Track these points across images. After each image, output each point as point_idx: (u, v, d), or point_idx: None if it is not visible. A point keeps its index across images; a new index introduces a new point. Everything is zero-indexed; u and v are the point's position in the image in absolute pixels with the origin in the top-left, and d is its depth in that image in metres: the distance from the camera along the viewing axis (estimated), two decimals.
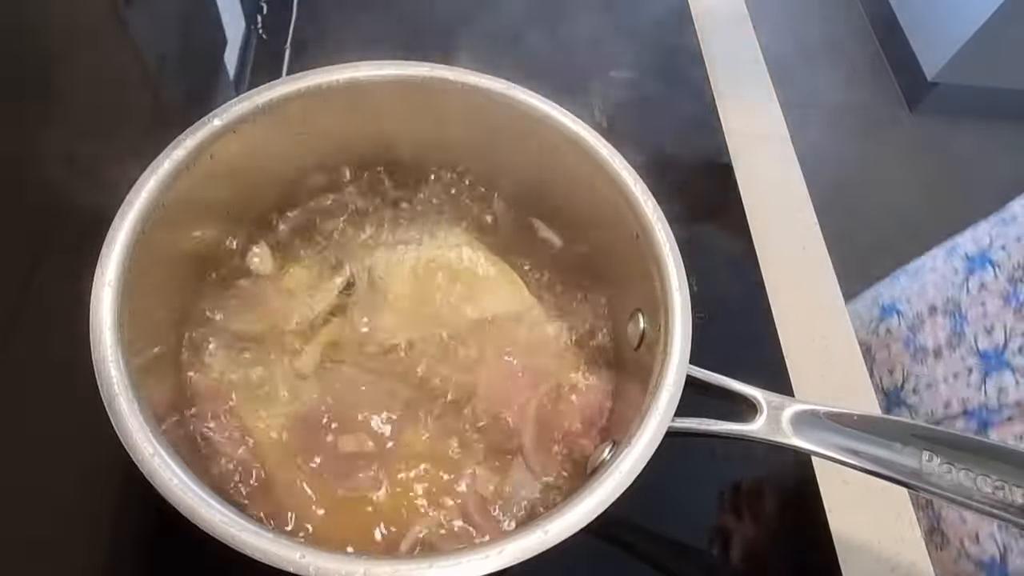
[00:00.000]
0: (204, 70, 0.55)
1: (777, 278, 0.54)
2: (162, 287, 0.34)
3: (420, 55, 0.38)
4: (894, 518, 0.46)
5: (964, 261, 0.58)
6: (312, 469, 0.34)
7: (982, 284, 0.55)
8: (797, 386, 0.50)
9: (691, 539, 0.44)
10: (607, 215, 0.37)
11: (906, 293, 0.64)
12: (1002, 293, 0.53)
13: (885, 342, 0.63)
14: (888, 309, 0.65)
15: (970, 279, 0.56)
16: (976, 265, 0.56)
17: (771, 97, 0.67)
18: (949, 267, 0.60)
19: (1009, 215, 0.57)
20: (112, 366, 0.27)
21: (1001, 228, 0.56)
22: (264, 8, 0.62)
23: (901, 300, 0.64)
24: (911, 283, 0.65)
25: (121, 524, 0.37)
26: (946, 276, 0.59)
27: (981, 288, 0.55)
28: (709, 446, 0.46)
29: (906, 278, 0.67)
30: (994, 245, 0.56)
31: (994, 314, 0.53)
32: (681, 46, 0.68)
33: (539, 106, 0.38)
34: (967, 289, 0.56)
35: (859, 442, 0.32)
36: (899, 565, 0.44)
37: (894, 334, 0.63)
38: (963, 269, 0.58)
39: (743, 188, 0.58)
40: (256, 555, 0.24)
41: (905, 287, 0.65)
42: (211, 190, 0.35)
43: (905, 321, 0.62)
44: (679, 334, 0.32)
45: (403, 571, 0.25)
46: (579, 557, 0.41)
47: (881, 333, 0.64)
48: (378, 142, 0.42)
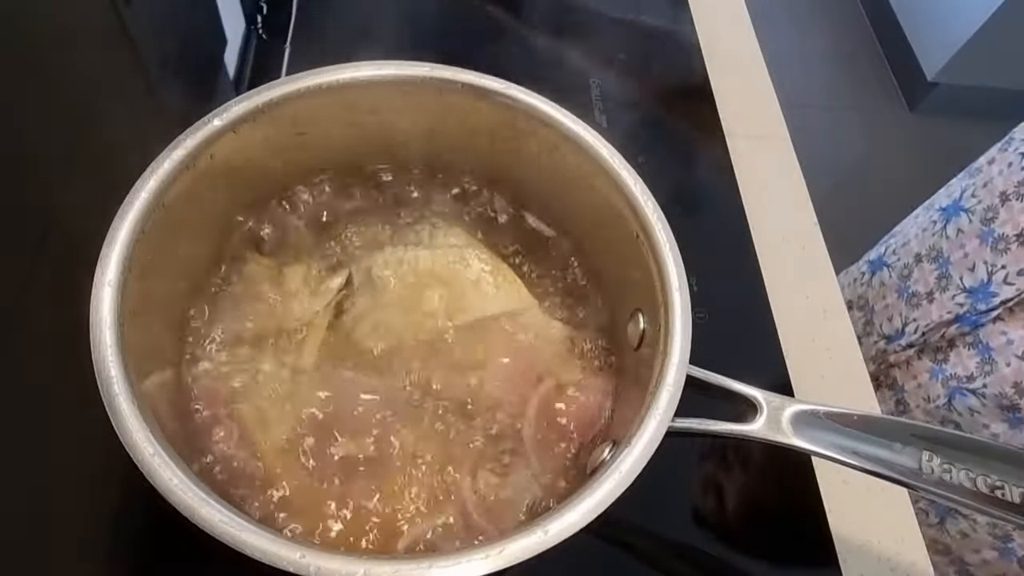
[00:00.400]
0: (204, 70, 0.55)
1: (777, 278, 0.54)
2: (162, 287, 0.34)
3: (420, 55, 0.38)
4: (894, 518, 0.46)
5: (940, 212, 0.64)
6: (312, 469, 0.34)
7: (959, 229, 0.60)
8: (797, 386, 0.50)
9: (691, 539, 0.44)
10: (607, 215, 0.37)
11: (890, 248, 0.70)
12: (978, 234, 0.58)
13: (880, 293, 0.68)
14: (876, 263, 0.71)
15: (947, 227, 0.62)
16: (951, 214, 0.62)
17: (771, 97, 0.67)
18: (927, 219, 0.66)
19: (975, 168, 0.62)
20: (112, 366, 0.27)
21: (969, 180, 0.62)
22: (264, 8, 0.62)
23: (888, 254, 0.70)
24: (891, 239, 0.71)
25: (121, 524, 0.37)
26: (926, 228, 0.65)
27: (959, 233, 0.60)
28: (709, 446, 0.46)
29: (889, 240, 0.72)
30: (965, 194, 0.61)
31: (974, 254, 0.58)
32: (681, 46, 0.68)
33: (539, 106, 0.38)
34: (946, 235, 0.62)
35: (859, 442, 0.32)
36: (899, 565, 0.44)
37: (887, 285, 0.68)
38: (940, 219, 0.63)
39: (743, 188, 0.58)
40: (256, 555, 0.24)
41: (887, 243, 0.71)
42: (211, 190, 0.35)
43: (895, 272, 0.67)
44: (679, 334, 0.32)
45: (403, 571, 0.25)
46: (579, 557, 0.40)
47: (875, 286, 0.70)
48: (378, 142, 0.42)
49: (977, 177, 0.60)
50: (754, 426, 0.32)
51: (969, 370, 0.58)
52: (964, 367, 0.59)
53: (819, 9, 2.02)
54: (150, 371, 0.31)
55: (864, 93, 1.86)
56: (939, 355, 0.61)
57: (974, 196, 0.60)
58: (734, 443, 0.33)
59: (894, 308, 0.66)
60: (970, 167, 0.63)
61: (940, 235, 0.62)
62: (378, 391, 0.37)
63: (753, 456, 0.47)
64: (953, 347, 0.60)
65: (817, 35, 1.97)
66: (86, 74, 0.41)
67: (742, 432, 0.33)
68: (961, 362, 0.59)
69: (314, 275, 0.40)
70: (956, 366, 0.59)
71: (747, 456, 0.46)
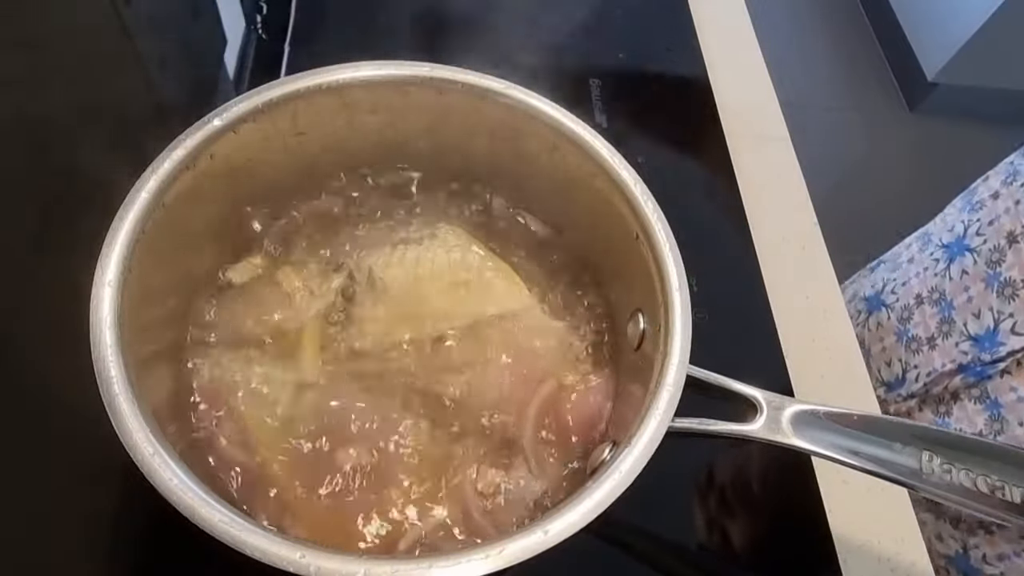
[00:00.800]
0: (204, 70, 0.55)
1: (777, 278, 0.54)
2: (162, 287, 0.34)
3: (420, 55, 0.38)
4: (894, 518, 0.46)
5: (942, 250, 0.59)
6: (312, 469, 0.34)
7: (963, 270, 0.56)
8: (797, 386, 0.50)
9: (691, 539, 0.44)
10: (607, 215, 0.37)
11: (889, 285, 0.65)
12: (984, 277, 0.54)
13: (878, 336, 0.65)
14: (873, 301, 0.66)
15: (951, 267, 0.58)
16: (955, 252, 0.58)
17: (771, 97, 0.67)
18: (928, 257, 0.61)
19: (976, 201, 0.58)
20: (112, 366, 0.27)
21: (971, 215, 0.58)
22: (264, 8, 0.62)
23: (886, 293, 0.65)
24: (891, 274, 0.66)
25: (121, 524, 0.37)
26: (927, 266, 0.61)
27: (963, 274, 0.56)
28: (709, 446, 0.46)
29: (885, 269, 0.67)
30: (969, 232, 0.57)
31: (979, 299, 0.54)
32: (681, 46, 0.68)
33: (539, 106, 0.38)
34: (949, 276, 0.58)
35: (859, 442, 0.32)
36: (899, 565, 0.44)
37: (885, 327, 0.64)
38: (943, 258, 0.59)
39: (743, 188, 0.58)
40: (256, 555, 0.24)
41: (887, 278, 0.66)
42: (211, 190, 0.35)
43: (894, 313, 0.63)
44: (679, 334, 0.32)
45: (403, 571, 0.25)
46: (579, 557, 0.40)
47: (872, 327, 0.66)
48: (378, 142, 0.42)
49: (981, 212, 0.57)
50: (754, 426, 0.32)
51: (977, 427, 0.54)
52: (971, 423, 0.55)
53: (819, 9, 2.03)
54: (150, 371, 0.31)
55: (864, 93, 1.86)
56: (942, 407, 0.58)
57: (979, 235, 0.56)
58: (734, 443, 0.33)
59: (892, 352, 0.62)
60: (970, 197, 0.59)
61: (943, 276, 0.58)
62: (379, 391, 0.37)
63: (753, 456, 0.47)
64: (957, 400, 0.56)
65: (817, 35, 1.97)
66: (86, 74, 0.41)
67: (742, 432, 0.33)
68: (967, 417, 0.55)
69: (314, 275, 0.40)
70: (961, 421, 0.56)
71: (747, 456, 0.46)
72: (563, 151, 0.38)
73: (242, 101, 0.35)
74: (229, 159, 0.35)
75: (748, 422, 0.33)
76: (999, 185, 0.56)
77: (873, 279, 0.68)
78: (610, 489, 0.27)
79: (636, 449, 0.29)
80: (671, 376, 0.31)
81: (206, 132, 0.34)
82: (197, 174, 0.34)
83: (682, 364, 0.31)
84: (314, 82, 0.36)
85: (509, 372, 0.38)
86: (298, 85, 0.36)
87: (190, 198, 0.34)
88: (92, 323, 0.28)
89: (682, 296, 0.33)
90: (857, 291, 0.70)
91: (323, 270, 0.41)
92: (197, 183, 0.34)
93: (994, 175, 0.58)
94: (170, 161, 0.32)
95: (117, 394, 0.27)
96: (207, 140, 0.34)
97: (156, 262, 0.32)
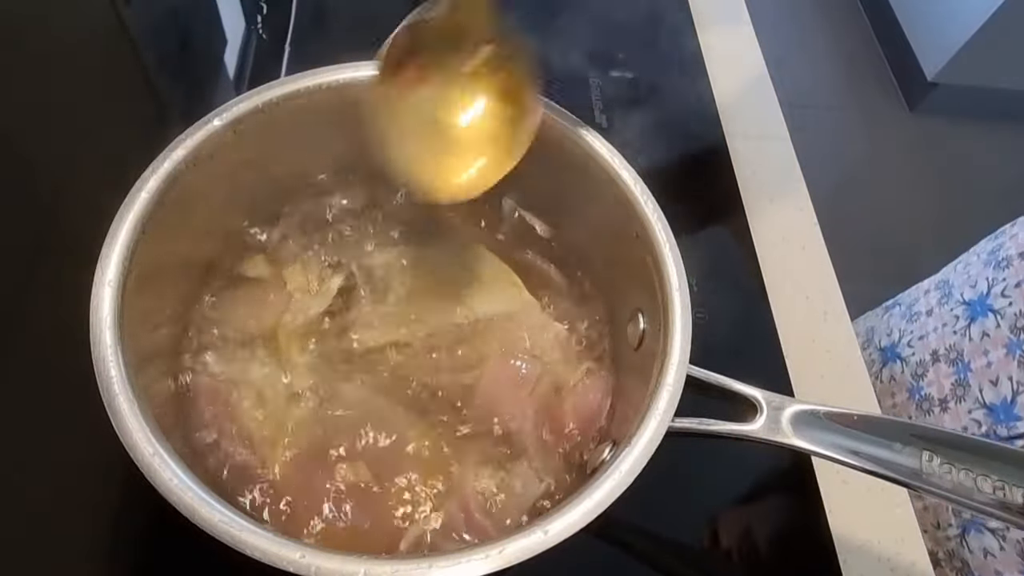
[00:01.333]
0: (204, 70, 0.55)
1: (777, 278, 0.54)
2: (163, 287, 0.34)
3: None
4: (894, 518, 0.46)
5: (963, 307, 0.56)
6: (313, 469, 0.34)
7: (984, 332, 0.53)
8: (797, 386, 0.50)
9: (691, 539, 0.44)
10: (607, 215, 0.37)
11: (906, 337, 0.62)
12: (1005, 343, 0.51)
13: (890, 390, 0.62)
14: (889, 353, 0.64)
15: (972, 327, 0.54)
16: (977, 312, 0.55)
17: (771, 97, 0.67)
18: (948, 312, 0.58)
19: (1003, 257, 0.55)
20: (112, 366, 0.27)
21: (996, 272, 0.55)
22: (264, 8, 0.62)
23: (902, 345, 0.62)
24: (909, 324, 0.62)
25: (121, 524, 0.37)
26: (947, 322, 0.57)
27: (983, 336, 0.53)
28: (709, 446, 0.46)
29: (902, 316, 0.64)
30: (993, 291, 0.54)
31: (998, 365, 0.51)
32: (681, 46, 0.68)
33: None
34: (969, 336, 0.54)
35: (859, 442, 0.32)
36: (899, 565, 0.44)
37: (898, 381, 0.61)
38: (964, 316, 0.56)
39: (743, 188, 0.58)
40: (256, 554, 0.24)
41: (904, 329, 0.63)
42: (212, 189, 0.35)
43: (908, 368, 0.60)
44: (679, 334, 0.32)
45: (403, 571, 0.25)
46: (579, 557, 0.40)
47: (884, 379, 0.63)
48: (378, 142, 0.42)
49: (1008, 271, 0.53)
50: (754, 426, 0.32)
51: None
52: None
53: (819, 9, 2.02)
54: (150, 371, 0.31)
55: (864, 93, 1.86)
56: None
57: (1004, 296, 0.52)
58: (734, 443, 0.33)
59: (903, 409, 0.59)
60: (996, 251, 0.55)
61: (962, 335, 0.55)
62: (379, 391, 0.37)
63: (753, 456, 0.47)
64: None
65: (817, 35, 1.97)
66: (86, 74, 0.41)
67: (742, 432, 0.33)
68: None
69: (314, 276, 0.40)
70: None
71: (747, 456, 0.46)
72: (563, 151, 0.38)
73: (242, 101, 0.35)
74: (229, 159, 0.35)
75: (748, 422, 0.33)
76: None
77: (890, 325, 0.65)
78: (610, 489, 0.27)
79: (636, 449, 0.29)
80: (671, 376, 0.31)
81: (207, 132, 0.34)
82: (198, 173, 0.34)
83: (682, 364, 0.31)
84: (314, 82, 0.36)
85: (510, 372, 0.38)
86: (298, 85, 0.36)
87: (190, 198, 0.34)
88: (92, 323, 0.28)
89: (682, 296, 0.33)
90: (872, 335, 0.67)
91: (323, 270, 0.41)
92: (197, 183, 0.34)
93: (1022, 226, 0.55)
94: (170, 161, 0.32)
95: (117, 394, 0.27)
96: (207, 140, 0.34)
97: (157, 262, 0.32)
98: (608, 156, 0.37)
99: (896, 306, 0.66)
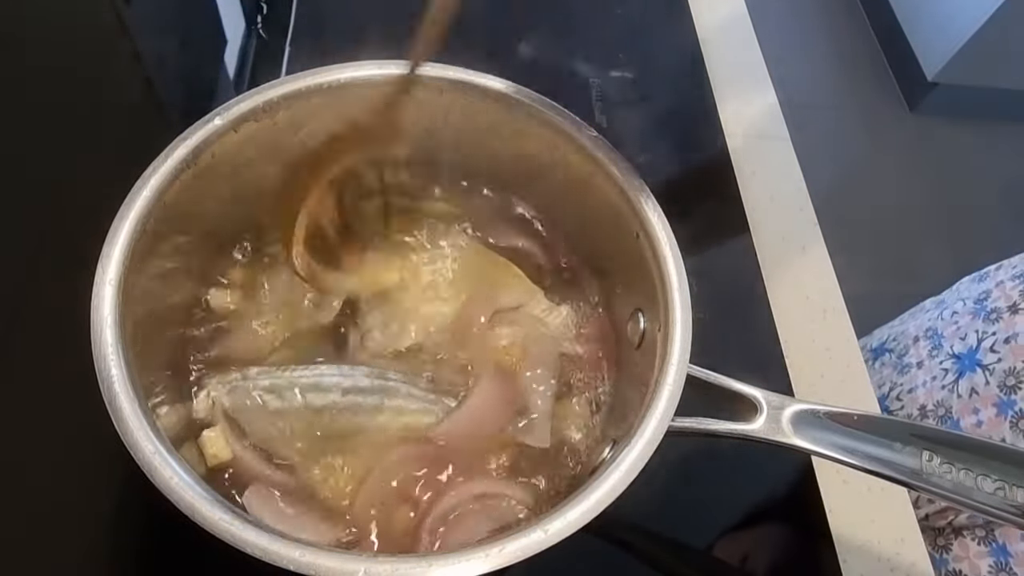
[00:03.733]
0: (204, 70, 0.55)
1: (777, 278, 0.54)
2: (164, 286, 0.34)
3: None
4: (894, 518, 0.46)
5: (952, 360, 0.55)
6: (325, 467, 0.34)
7: (972, 388, 0.52)
8: (797, 386, 0.50)
9: (691, 539, 0.44)
10: (607, 215, 0.37)
11: (895, 390, 0.60)
12: (995, 401, 0.50)
13: None
14: (879, 406, 0.61)
15: (960, 382, 0.53)
16: (965, 367, 0.53)
17: (771, 97, 0.67)
18: (937, 366, 0.56)
19: (992, 309, 0.53)
20: (112, 364, 0.27)
21: (987, 326, 0.53)
22: (264, 8, 0.62)
23: (891, 398, 0.60)
24: (898, 376, 0.60)
25: (121, 524, 0.37)
26: (936, 375, 0.56)
27: (972, 393, 0.52)
28: (709, 446, 0.46)
29: (891, 366, 0.62)
30: (983, 345, 0.52)
31: (989, 425, 0.50)
32: (681, 46, 0.68)
33: (539, 106, 0.38)
34: (957, 392, 0.53)
35: (859, 442, 0.32)
36: (899, 565, 0.44)
37: None
38: (953, 369, 0.54)
39: (743, 188, 0.58)
40: (256, 553, 0.24)
41: (893, 380, 0.61)
42: (212, 189, 0.35)
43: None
44: (679, 334, 0.32)
45: (403, 570, 0.25)
46: (579, 557, 0.40)
47: None
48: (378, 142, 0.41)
49: (998, 326, 0.52)
50: (754, 426, 0.33)
51: (978, 572, 0.49)
52: (972, 567, 0.49)
53: (819, 9, 2.02)
54: (151, 370, 0.31)
55: (864, 93, 1.86)
56: (940, 540, 0.52)
57: (993, 351, 0.51)
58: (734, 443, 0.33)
59: None
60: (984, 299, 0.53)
61: (951, 390, 0.53)
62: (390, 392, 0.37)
63: (753, 456, 0.47)
64: (959, 536, 0.51)
65: (817, 35, 1.97)
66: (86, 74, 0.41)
67: (742, 432, 0.33)
68: (968, 558, 0.50)
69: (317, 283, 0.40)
70: (961, 561, 0.50)
71: (747, 456, 0.46)
72: (563, 151, 0.38)
73: (243, 100, 0.35)
74: (230, 158, 0.35)
75: (748, 422, 0.33)
76: (1017, 296, 0.51)
77: (881, 376, 0.63)
78: (610, 488, 0.27)
79: (636, 448, 0.29)
80: (671, 376, 0.31)
81: (207, 131, 0.34)
82: (198, 172, 0.34)
83: (682, 364, 0.31)
84: (315, 81, 0.36)
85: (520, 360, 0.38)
86: (298, 84, 0.36)
87: (191, 197, 0.34)
88: (93, 322, 0.28)
89: (682, 296, 0.33)
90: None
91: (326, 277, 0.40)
92: (198, 182, 0.34)
93: (1008, 271, 0.52)
94: (172, 159, 0.32)
95: (117, 393, 0.27)
96: (208, 138, 0.34)
97: (158, 261, 0.32)
98: (608, 156, 0.37)
99: (885, 352, 0.65)
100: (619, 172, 0.36)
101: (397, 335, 0.38)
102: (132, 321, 0.29)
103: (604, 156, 0.37)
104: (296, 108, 0.37)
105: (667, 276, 0.33)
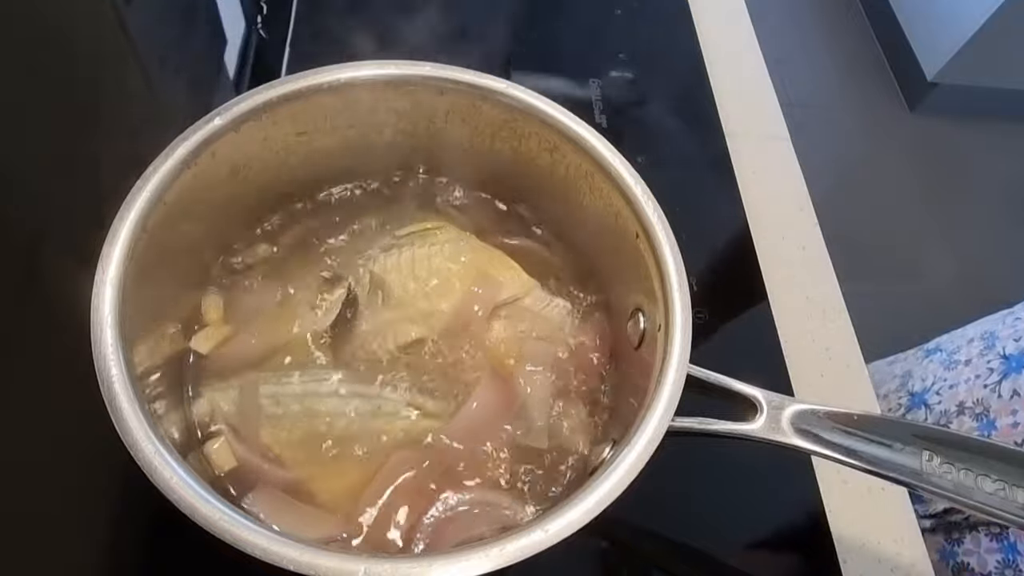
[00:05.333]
0: (204, 70, 0.55)
1: (777, 278, 0.54)
2: (164, 286, 0.34)
3: (421, 54, 0.38)
4: (894, 518, 0.46)
5: (1001, 360, 0.54)
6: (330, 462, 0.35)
7: (1015, 391, 0.51)
8: (797, 386, 0.50)
9: (691, 539, 0.44)
10: (607, 215, 0.37)
11: (937, 384, 0.60)
12: None
13: None
14: (917, 399, 0.62)
15: (1003, 383, 0.53)
16: (1012, 368, 0.53)
17: (771, 97, 0.67)
18: (984, 364, 0.56)
19: None
20: (113, 364, 0.27)
21: None
22: (264, 8, 0.62)
23: (931, 392, 0.60)
24: (945, 372, 0.60)
25: (121, 523, 0.37)
26: (980, 374, 0.56)
27: (1013, 395, 0.51)
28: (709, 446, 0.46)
29: (940, 363, 0.62)
30: None
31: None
32: (681, 46, 0.68)
33: (539, 106, 0.38)
34: (999, 393, 0.53)
35: (859, 442, 0.32)
36: (899, 565, 0.44)
37: None
38: (999, 370, 0.54)
39: (743, 188, 0.58)
40: (256, 553, 0.24)
41: (938, 376, 0.61)
42: (213, 188, 0.35)
43: (931, 416, 0.59)
44: (679, 334, 0.32)
45: (403, 570, 0.25)
46: (579, 557, 0.41)
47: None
48: (378, 142, 0.42)
49: None
50: (754, 426, 0.33)
51: (986, 567, 0.49)
52: (980, 561, 0.50)
53: (819, 9, 2.02)
54: (151, 370, 0.31)
55: (864, 93, 1.86)
56: (955, 533, 0.53)
57: None
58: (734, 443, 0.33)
59: None
60: None
61: (992, 390, 0.53)
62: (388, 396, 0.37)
63: (753, 456, 0.47)
64: (973, 530, 0.51)
65: (817, 35, 1.97)
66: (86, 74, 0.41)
67: (742, 432, 0.33)
68: (978, 552, 0.50)
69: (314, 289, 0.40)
70: (971, 555, 0.51)
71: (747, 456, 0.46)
72: (563, 151, 0.38)
73: (243, 100, 0.35)
74: (230, 158, 0.35)
75: (748, 422, 0.33)
76: None
77: (927, 371, 0.63)
78: (610, 488, 0.27)
79: (636, 448, 0.29)
80: (671, 376, 0.31)
81: (208, 131, 0.34)
82: (198, 172, 0.34)
83: (682, 364, 0.31)
84: (315, 81, 0.36)
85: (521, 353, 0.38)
86: (298, 85, 0.36)
87: (191, 196, 0.34)
88: (93, 322, 0.28)
89: (682, 296, 0.33)
90: (908, 379, 0.65)
91: (324, 273, 0.40)
92: (198, 181, 0.34)
93: None
94: (172, 159, 0.32)
95: (117, 393, 0.27)
96: (209, 138, 0.34)
97: (158, 260, 0.32)
98: (608, 156, 0.37)
99: (938, 351, 0.65)
100: (619, 172, 0.36)
101: (396, 335, 0.38)
102: (132, 321, 0.29)
103: (604, 156, 0.37)
104: (296, 109, 0.37)
105: (667, 276, 0.33)
